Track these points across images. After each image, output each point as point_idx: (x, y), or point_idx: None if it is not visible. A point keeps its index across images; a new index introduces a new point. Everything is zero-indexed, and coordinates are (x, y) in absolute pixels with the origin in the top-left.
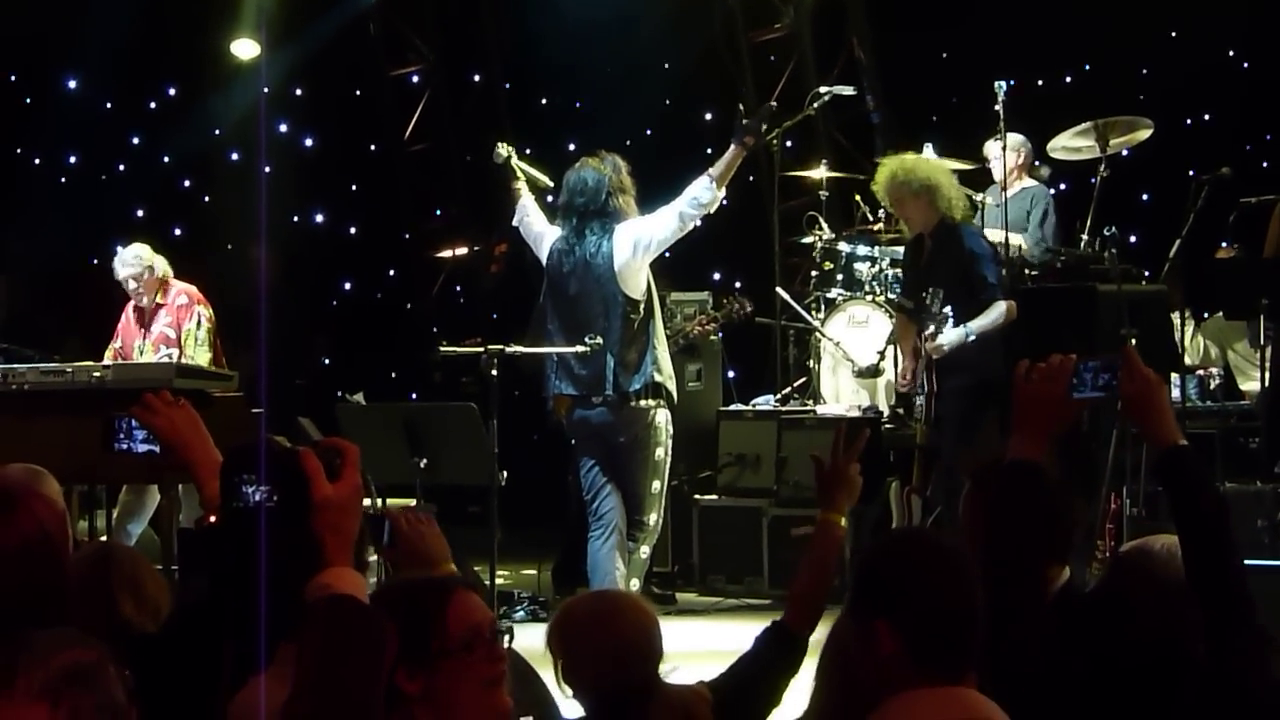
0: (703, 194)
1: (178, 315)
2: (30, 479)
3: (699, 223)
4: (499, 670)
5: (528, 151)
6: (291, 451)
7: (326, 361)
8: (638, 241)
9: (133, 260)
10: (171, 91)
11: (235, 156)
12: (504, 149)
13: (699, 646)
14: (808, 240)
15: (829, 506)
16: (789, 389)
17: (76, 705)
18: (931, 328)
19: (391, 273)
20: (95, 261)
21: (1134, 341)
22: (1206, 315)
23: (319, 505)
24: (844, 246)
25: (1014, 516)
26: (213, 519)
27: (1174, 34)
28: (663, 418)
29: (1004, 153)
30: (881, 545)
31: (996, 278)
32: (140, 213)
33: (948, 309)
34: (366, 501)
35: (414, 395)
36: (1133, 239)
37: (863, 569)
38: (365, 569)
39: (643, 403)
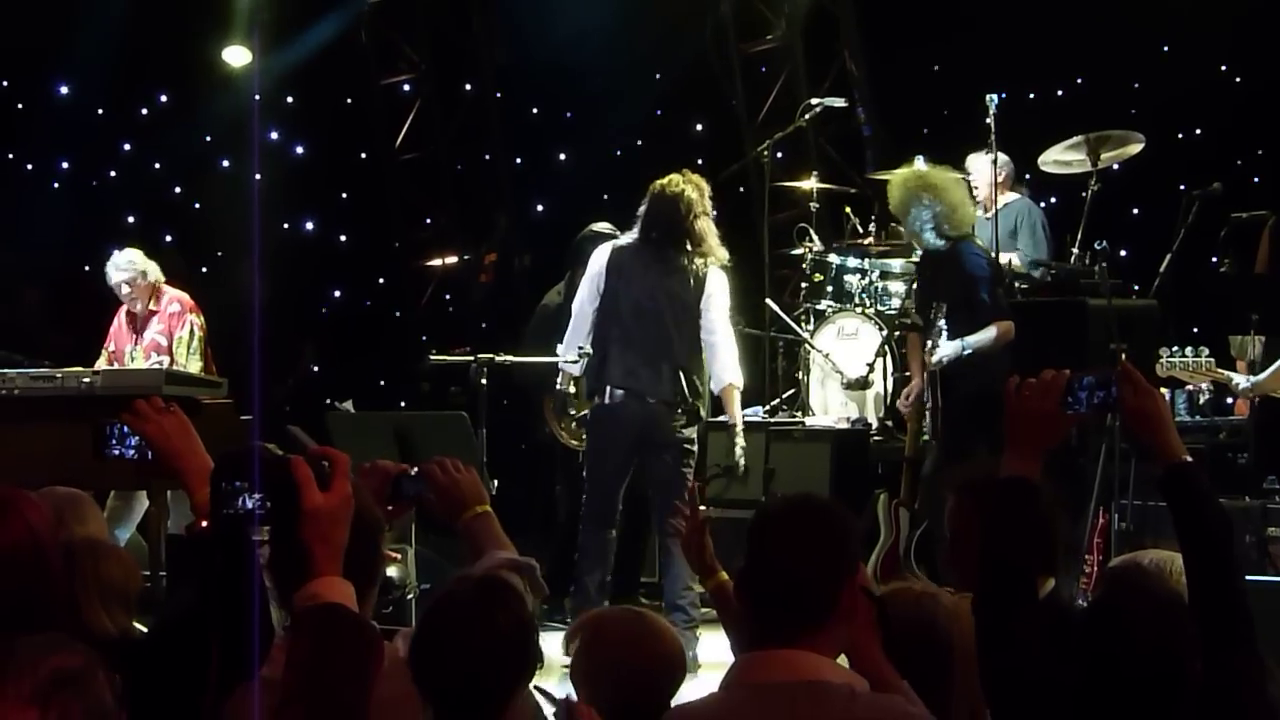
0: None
1: (169, 323)
2: (73, 502)
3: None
4: None
5: (518, 161)
6: (282, 459)
7: (316, 369)
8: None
9: (126, 265)
10: (163, 98)
11: (226, 164)
12: None
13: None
14: (798, 252)
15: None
16: (777, 400)
17: (65, 710)
18: (929, 341)
19: (381, 281)
20: (88, 268)
21: (1124, 356)
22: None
23: (309, 514)
24: (834, 258)
25: (1010, 531)
26: (204, 524)
27: (1166, 48)
28: None
29: (993, 167)
30: None
31: (992, 299)
32: (131, 219)
33: (941, 323)
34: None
35: (403, 404)
36: (1123, 253)
37: None
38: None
39: None
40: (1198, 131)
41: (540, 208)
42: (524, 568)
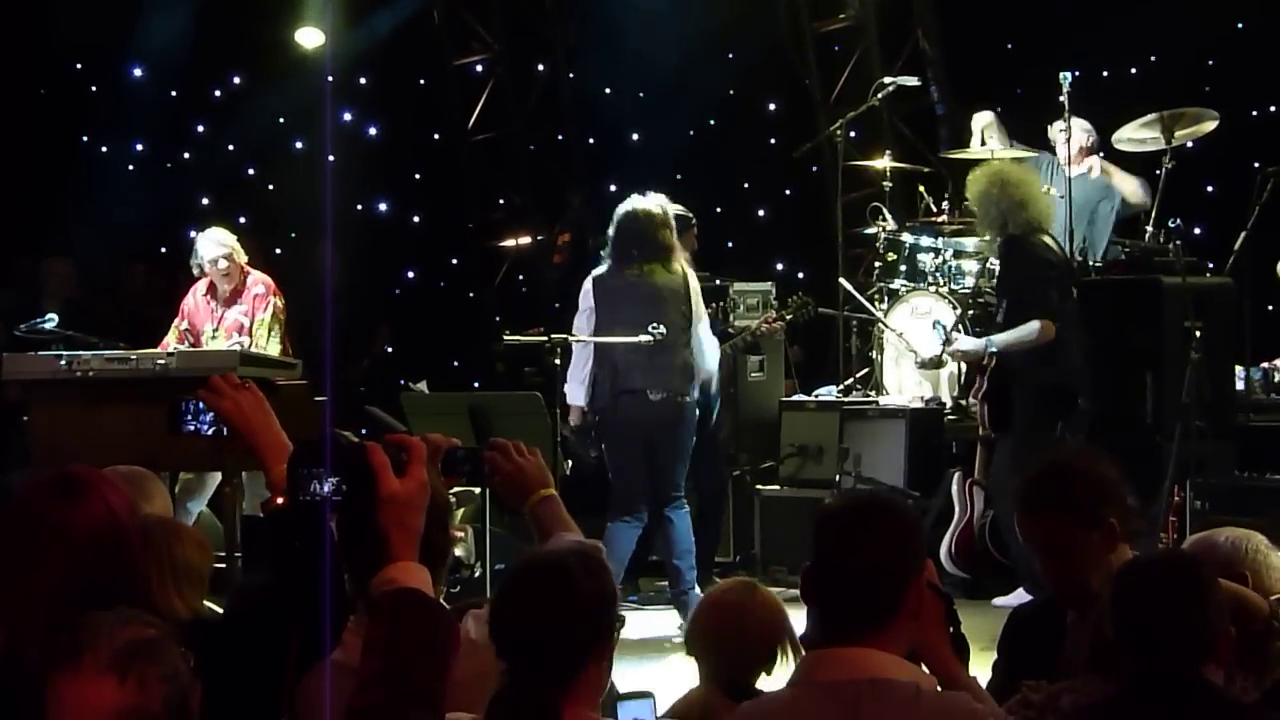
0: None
1: (253, 304)
2: (137, 480)
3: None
4: None
5: (591, 141)
6: (359, 446)
7: (390, 350)
8: None
9: (224, 241)
10: (236, 80)
11: (299, 145)
12: None
13: None
14: (871, 231)
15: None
16: (851, 380)
17: (143, 675)
18: (953, 333)
19: (455, 262)
20: (164, 249)
21: (1198, 334)
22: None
23: (385, 500)
24: (907, 238)
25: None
26: (279, 501)
27: (1240, 25)
28: None
29: (1068, 136)
30: None
31: (1038, 299)
32: (205, 201)
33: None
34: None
35: (476, 384)
36: (1198, 231)
37: None
38: (448, 551)
39: None
40: (1272, 109)
41: (614, 187)
42: (590, 550)
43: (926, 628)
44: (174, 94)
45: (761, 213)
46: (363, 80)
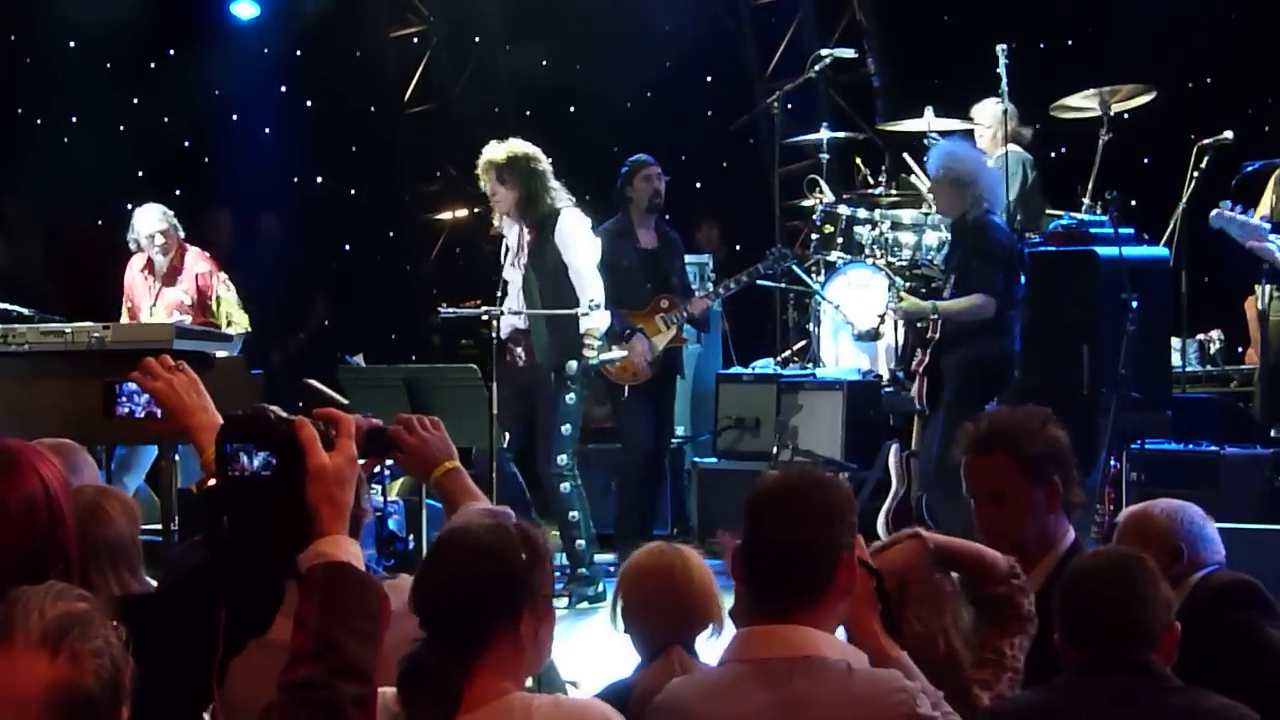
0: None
1: (197, 282)
2: (64, 452)
3: None
4: None
5: (528, 113)
6: (287, 420)
7: (327, 323)
8: None
9: (160, 217)
10: (171, 52)
11: (235, 118)
12: None
13: None
14: (808, 203)
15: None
16: (788, 353)
17: (75, 651)
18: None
19: (391, 235)
20: (100, 222)
21: (1135, 305)
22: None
23: (314, 474)
24: (844, 210)
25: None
26: (211, 482)
27: None
28: None
29: (1004, 116)
30: None
31: (984, 278)
32: (141, 174)
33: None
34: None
35: (413, 357)
36: (1134, 203)
37: None
38: (362, 520)
39: None
40: (1208, 80)
41: (550, 159)
42: (500, 515)
43: (857, 604)
44: (108, 66)
45: (699, 185)
46: (298, 52)
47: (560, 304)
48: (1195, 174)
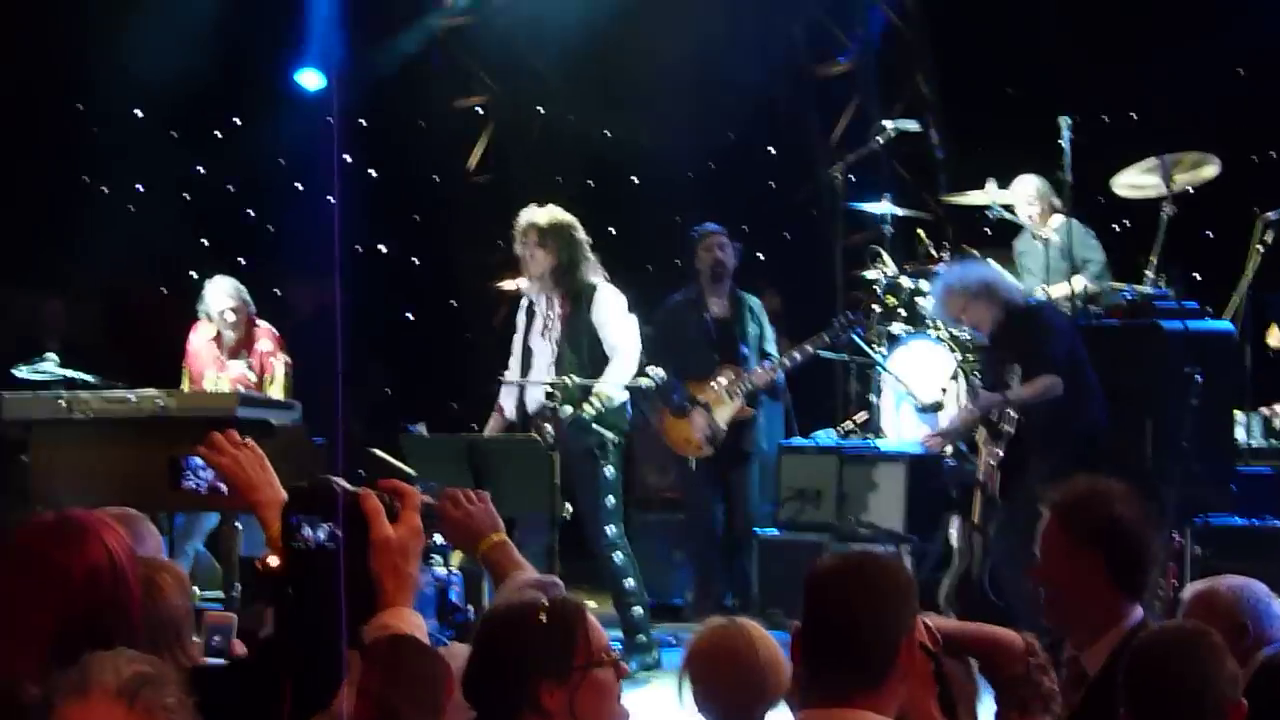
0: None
1: (261, 359)
2: (128, 522)
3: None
4: (619, 682)
5: (590, 183)
6: (351, 493)
7: (388, 391)
8: None
9: (233, 292)
10: (236, 120)
11: (299, 186)
12: None
13: None
14: (870, 275)
15: None
16: (850, 424)
17: (150, 704)
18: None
19: (453, 303)
20: (165, 290)
21: (1198, 379)
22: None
23: (379, 546)
24: (906, 281)
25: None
26: (274, 562)
27: (1240, 70)
28: None
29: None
30: None
31: (1045, 358)
32: (204, 241)
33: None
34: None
35: (474, 426)
36: (1197, 276)
37: None
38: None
39: None
40: (1273, 154)
41: (612, 230)
42: (548, 586)
43: (915, 687)
44: (174, 134)
45: (760, 256)
46: (362, 122)
47: (594, 378)
48: (1259, 247)
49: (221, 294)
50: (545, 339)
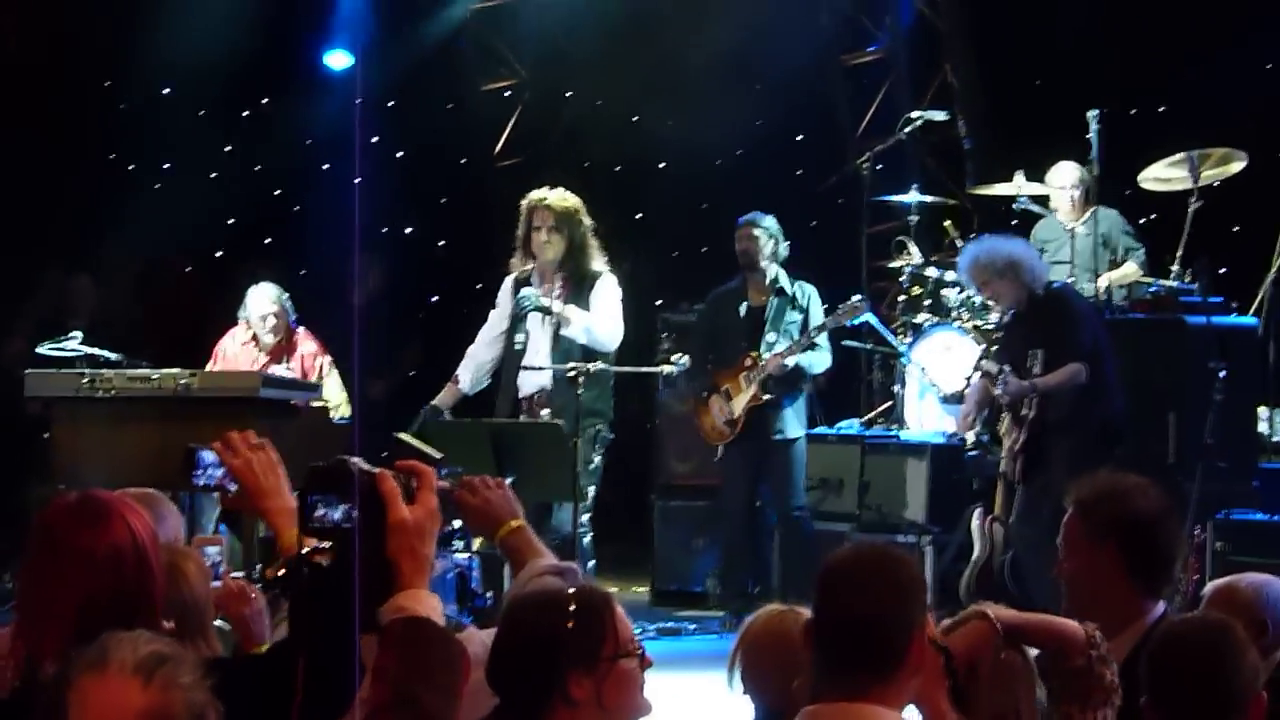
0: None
1: (303, 364)
2: (149, 503)
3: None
4: (645, 672)
5: (617, 169)
6: (367, 473)
7: (412, 374)
8: None
9: (274, 299)
10: (265, 101)
11: (326, 167)
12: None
13: None
14: (896, 264)
15: None
16: (873, 414)
17: (167, 681)
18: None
19: (478, 287)
20: (189, 269)
21: (1223, 374)
22: None
23: (395, 528)
24: (932, 272)
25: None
26: (281, 573)
27: (1269, 66)
28: None
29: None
30: None
31: (1072, 345)
32: (231, 221)
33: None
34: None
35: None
36: (1223, 270)
37: None
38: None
39: None
40: None
41: (640, 215)
42: (566, 572)
43: (926, 682)
44: (202, 114)
45: (787, 243)
46: (391, 103)
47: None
48: None
49: (264, 299)
50: (544, 324)
